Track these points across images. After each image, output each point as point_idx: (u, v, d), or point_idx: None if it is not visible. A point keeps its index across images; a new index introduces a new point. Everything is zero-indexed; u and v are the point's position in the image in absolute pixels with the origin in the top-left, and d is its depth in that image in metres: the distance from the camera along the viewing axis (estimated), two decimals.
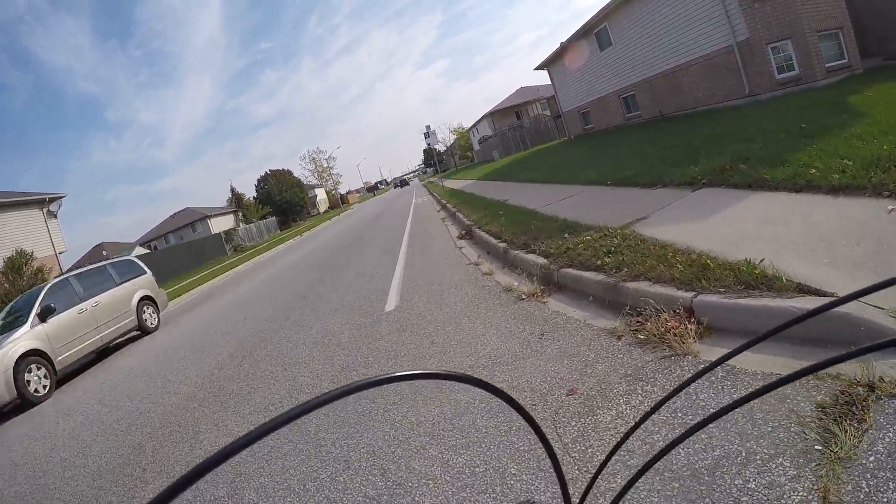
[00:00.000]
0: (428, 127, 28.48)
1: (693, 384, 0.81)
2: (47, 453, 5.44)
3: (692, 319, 3.25)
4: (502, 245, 7.01)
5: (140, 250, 52.38)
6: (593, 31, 23.76)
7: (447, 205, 17.17)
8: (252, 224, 56.29)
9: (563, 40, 26.93)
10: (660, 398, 0.76)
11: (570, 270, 4.87)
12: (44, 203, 26.87)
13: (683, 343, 3.02)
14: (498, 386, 0.59)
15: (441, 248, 9.63)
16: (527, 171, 17.79)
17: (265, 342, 6.84)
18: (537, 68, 32.02)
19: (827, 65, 15.58)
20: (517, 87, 62.03)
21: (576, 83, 27.95)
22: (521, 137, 46.09)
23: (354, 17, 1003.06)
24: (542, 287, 5.03)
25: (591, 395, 2.91)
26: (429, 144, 28.72)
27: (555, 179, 12.48)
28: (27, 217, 24.89)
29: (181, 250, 41.87)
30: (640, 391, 2.79)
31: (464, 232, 10.12)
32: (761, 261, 3.45)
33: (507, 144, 46.15)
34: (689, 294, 3.40)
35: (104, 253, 70.74)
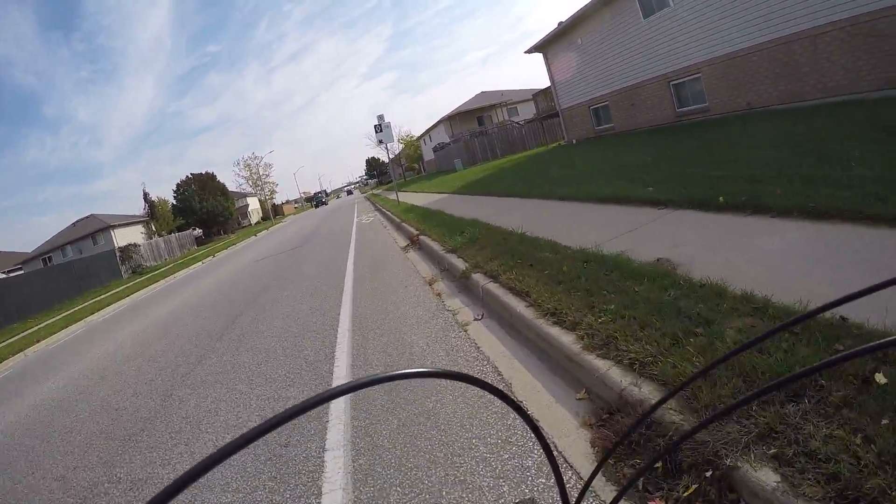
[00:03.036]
0: (381, 117, 20.42)
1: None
2: None
3: None
4: None
5: None
6: None
7: (440, 251, 8.69)
8: (161, 238, 46.41)
9: (577, 10, 19.75)
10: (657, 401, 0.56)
11: None
12: None
13: None
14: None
15: None
16: (563, 184, 10.18)
17: None
18: (529, 51, 24.97)
19: None
20: (478, 91, 55.19)
21: (588, 69, 20.79)
22: (490, 144, 38.75)
23: (305, 25, 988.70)
24: None
25: None
26: (380, 141, 20.70)
27: (706, 204, 4.91)
28: None
29: (58, 273, 31.96)
30: None
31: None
32: None
33: (472, 153, 38.65)
34: None
35: None
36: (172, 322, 9.97)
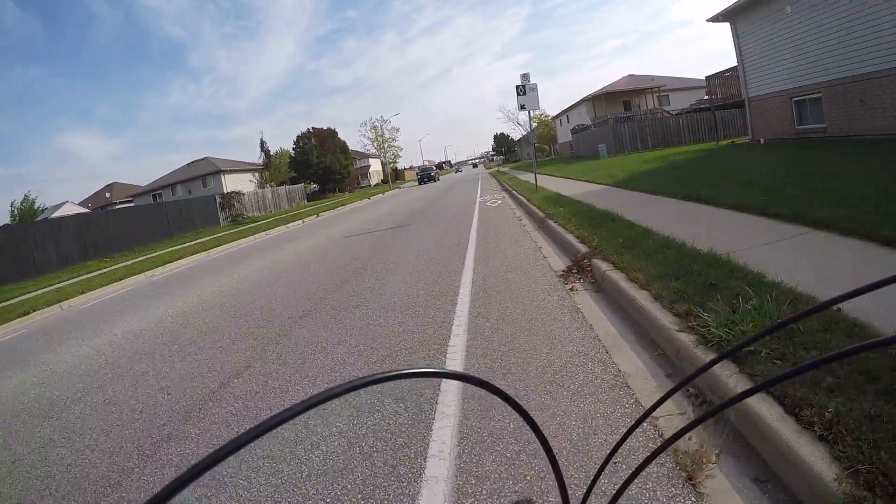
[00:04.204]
0: (525, 77, 15.79)
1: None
2: None
3: None
4: None
5: (71, 208, 41.78)
6: None
7: (675, 332, 4.57)
8: (269, 189, 44.74)
9: None
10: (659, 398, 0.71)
11: None
12: None
13: None
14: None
15: None
16: (839, 207, 5.17)
17: None
18: (714, 19, 19.16)
19: None
20: (626, 74, 48.59)
21: (795, 47, 14.93)
22: (640, 132, 32.89)
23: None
24: None
25: None
26: (522, 106, 16.20)
27: None
28: None
29: (149, 214, 30.17)
30: None
31: None
32: None
33: (619, 139, 32.95)
34: None
35: (107, 195, 61.47)
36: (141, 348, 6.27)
